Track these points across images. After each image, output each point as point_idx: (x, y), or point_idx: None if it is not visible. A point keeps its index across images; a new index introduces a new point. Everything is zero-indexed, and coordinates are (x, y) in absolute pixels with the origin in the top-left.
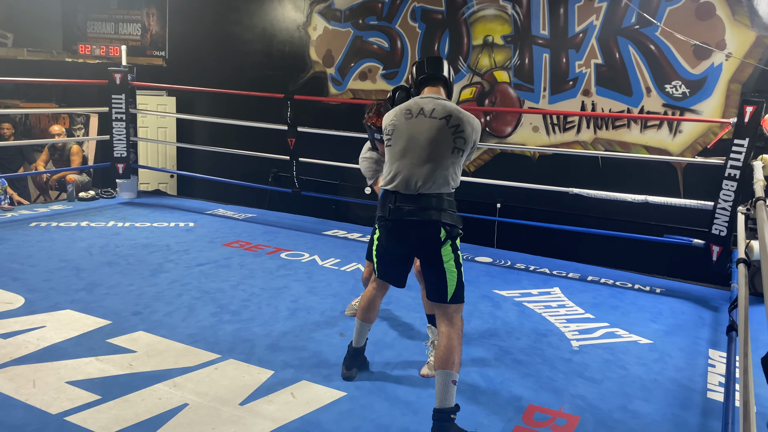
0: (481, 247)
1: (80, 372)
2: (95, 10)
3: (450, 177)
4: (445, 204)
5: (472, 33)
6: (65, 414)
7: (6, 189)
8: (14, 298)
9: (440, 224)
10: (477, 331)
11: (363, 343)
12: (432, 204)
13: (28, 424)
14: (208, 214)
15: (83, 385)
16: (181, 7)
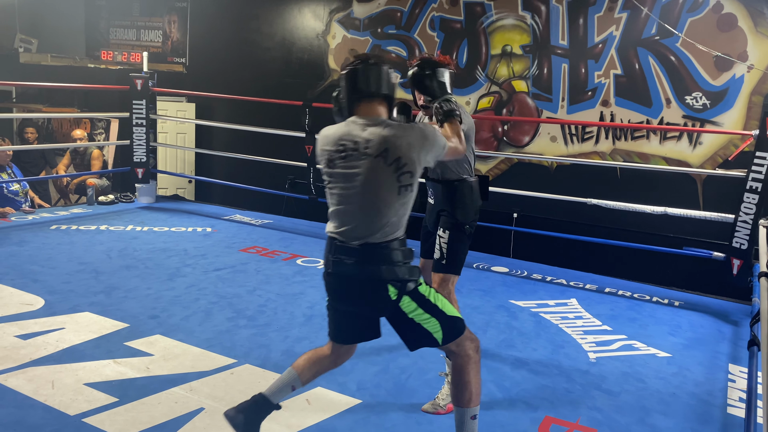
0: (498, 256)
1: (98, 374)
2: (118, 17)
3: (401, 221)
4: (395, 255)
5: (490, 42)
6: (83, 415)
7: (28, 192)
8: (34, 299)
9: (387, 282)
10: (493, 341)
11: (277, 400)
12: (377, 257)
13: (46, 425)
14: (225, 219)
15: (101, 387)
16: (201, 15)
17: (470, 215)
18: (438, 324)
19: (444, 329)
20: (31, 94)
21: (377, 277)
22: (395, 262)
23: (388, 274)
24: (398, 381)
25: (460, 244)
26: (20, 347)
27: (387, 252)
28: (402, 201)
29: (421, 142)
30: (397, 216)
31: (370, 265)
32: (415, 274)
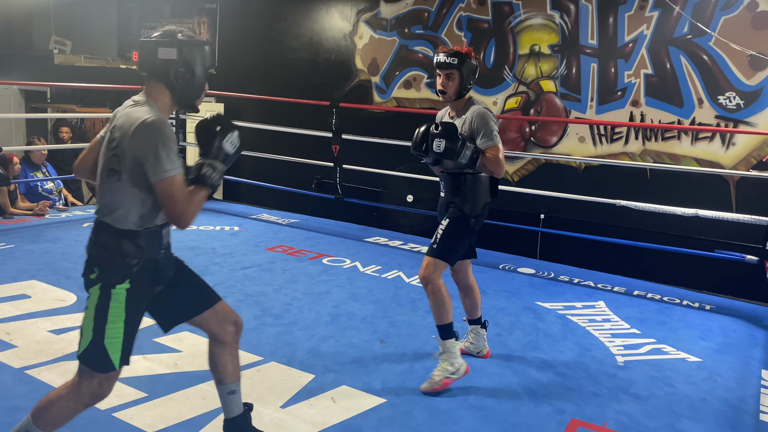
0: (524, 258)
1: (128, 369)
2: (149, 19)
3: (110, 205)
4: (104, 237)
5: (518, 42)
6: (113, 410)
7: (61, 190)
8: (67, 295)
9: (93, 260)
10: (519, 342)
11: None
12: (95, 233)
13: (78, 419)
14: (252, 218)
15: (131, 382)
16: (230, 16)
17: (477, 209)
18: (89, 339)
19: (87, 348)
20: (65, 94)
21: (89, 253)
22: (106, 245)
23: (95, 253)
24: (423, 381)
25: (457, 236)
26: (53, 342)
27: (104, 233)
28: (111, 186)
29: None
30: (108, 199)
31: (92, 240)
32: (122, 274)
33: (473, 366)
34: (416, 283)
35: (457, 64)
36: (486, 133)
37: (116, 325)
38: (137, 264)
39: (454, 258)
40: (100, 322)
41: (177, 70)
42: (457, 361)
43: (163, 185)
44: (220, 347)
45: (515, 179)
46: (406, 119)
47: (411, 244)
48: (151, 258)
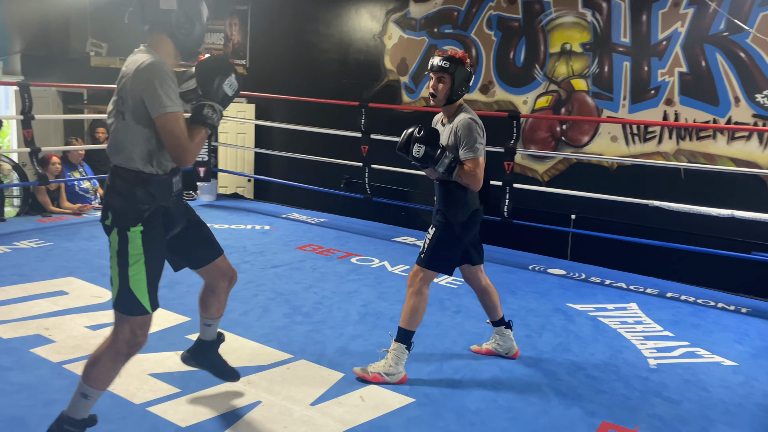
0: (554, 258)
1: (162, 365)
2: None
3: (118, 145)
4: (116, 182)
5: (549, 41)
6: (147, 404)
7: (97, 189)
8: (103, 292)
9: (107, 205)
10: (549, 344)
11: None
12: (110, 178)
13: (114, 412)
14: (282, 217)
15: (164, 377)
16: (262, 17)
17: (463, 217)
18: (117, 287)
19: (119, 296)
20: (101, 95)
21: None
22: (116, 188)
23: (109, 198)
24: (451, 381)
25: (443, 243)
26: (90, 337)
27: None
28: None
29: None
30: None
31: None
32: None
33: (501, 367)
34: (444, 283)
35: (449, 69)
36: (468, 144)
37: (138, 267)
38: (148, 209)
39: (443, 266)
40: (123, 267)
41: (178, 19)
42: (396, 368)
43: (162, 120)
44: (211, 293)
45: (545, 179)
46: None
47: None
48: (161, 204)
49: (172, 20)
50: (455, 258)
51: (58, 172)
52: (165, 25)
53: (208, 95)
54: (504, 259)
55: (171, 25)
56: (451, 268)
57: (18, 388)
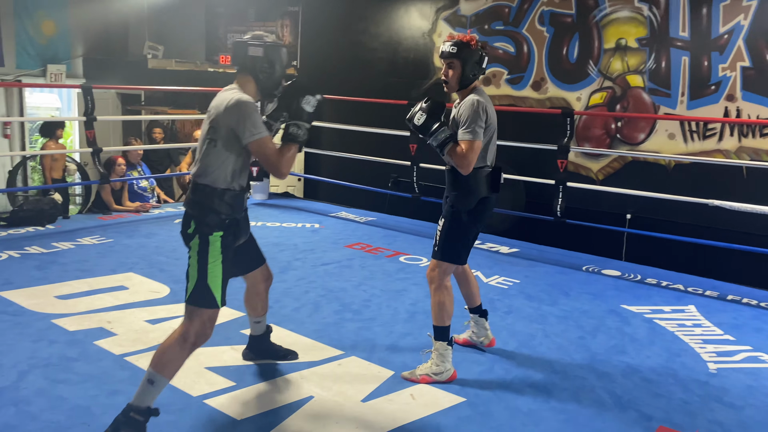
0: (609, 259)
1: (217, 359)
2: (235, 23)
3: (208, 168)
4: (200, 197)
5: (603, 36)
6: (204, 397)
7: (155, 188)
8: (161, 287)
9: (190, 216)
10: (603, 346)
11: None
12: (193, 193)
13: (173, 404)
14: (332, 216)
15: (220, 371)
16: (312, 18)
17: (470, 204)
18: (194, 282)
19: (195, 291)
20: (157, 97)
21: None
22: (200, 201)
23: (192, 208)
24: (503, 382)
25: (454, 232)
26: (149, 331)
27: (198, 191)
28: (208, 151)
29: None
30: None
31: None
32: (215, 226)
33: (553, 368)
34: (495, 283)
35: (457, 53)
36: (466, 123)
37: (216, 266)
38: (227, 218)
39: (458, 256)
40: (202, 265)
41: (262, 65)
42: (443, 365)
43: (254, 145)
44: (255, 295)
45: (599, 177)
46: None
47: (489, 243)
48: (235, 216)
49: (256, 65)
50: (466, 247)
51: (123, 173)
52: (250, 69)
53: (293, 115)
54: (557, 259)
55: (255, 70)
56: (463, 258)
57: (83, 379)
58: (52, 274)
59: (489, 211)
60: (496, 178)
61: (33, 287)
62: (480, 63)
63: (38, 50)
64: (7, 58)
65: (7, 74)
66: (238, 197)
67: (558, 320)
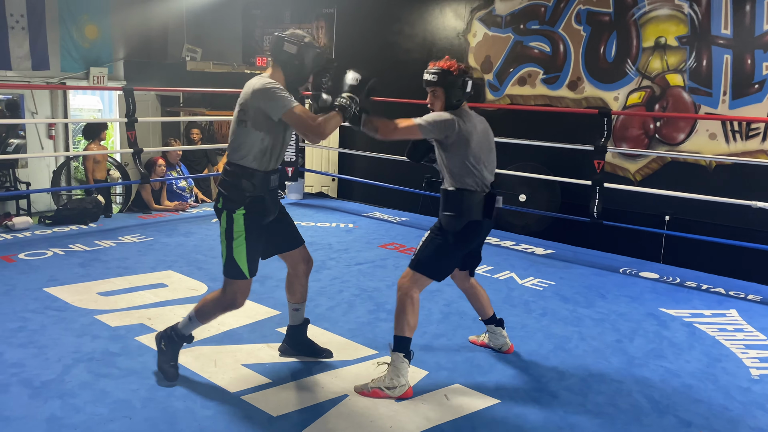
0: (647, 261)
1: (254, 356)
2: (271, 25)
3: (238, 146)
4: (228, 174)
5: (642, 34)
6: (241, 393)
7: (193, 188)
8: (199, 285)
9: (219, 192)
10: (641, 350)
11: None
12: (224, 172)
13: (210, 399)
14: (365, 216)
15: (256, 368)
16: (347, 20)
17: (457, 226)
18: (224, 256)
19: (226, 264)
20: (196, 98)
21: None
22: (226, 179)
23: (221, 185)
24: (538, 384)
25: (433, 248)
26: None
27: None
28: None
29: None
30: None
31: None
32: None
33: (590, 371)
34: (530, 284)
35: (438, 81)
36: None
37: (240, 242)
38: (249, 196)
39: (433, 271)
40: (229, 241)
41: (293, 61)
42: (398, 380)
43: (288, 115)
44: (294, 277)
45: (637, 178)
46: (520, 117)
47: (524, 244)
48: (260, 194)
49: (288, 60)
50: (447, 266)
51: (162, 173)
52: (282, 62)
53: (340, 89)
54: (593, 261)
55: (286, 64)
56: (440, 275)
57: (125, 373)
58: (95, 271)
59: (479, 237)
60: (489, 203)
61: (76, 284)
62: (463, 88)
63: (81, 54)
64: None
65: (52, 77)
66: (263, 178)
67: (594, 323)
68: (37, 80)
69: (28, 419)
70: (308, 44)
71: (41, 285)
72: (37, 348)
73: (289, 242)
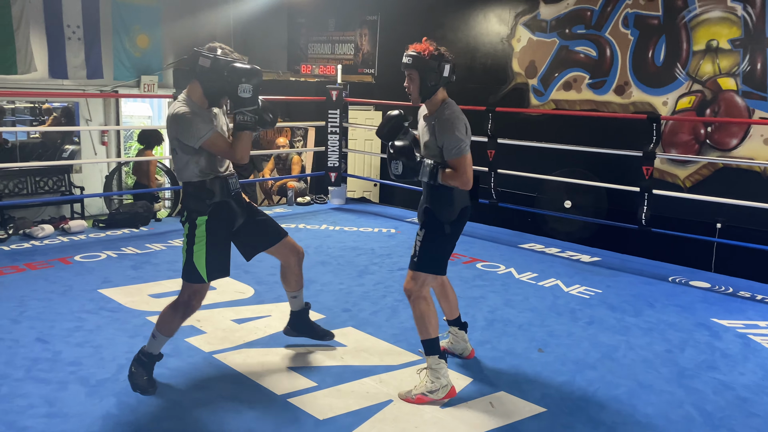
0: (697, 270)
1: (300, 360)
2: (315, 33)
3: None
4: (186, 192)
5: (693, 38)
6: (288, 396)
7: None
8: (246, 288)
9: (183, 207)
10: (692, 361)
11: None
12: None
13: (258, 401)
14: (407, 221)
15: (302, 371)
16: (390, 27)
17: (452, 215)
18: (183, 261)
19: (185, 267)
20: None
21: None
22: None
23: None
24: (585, 393)
25: (434, 243)
26: (235, 330)
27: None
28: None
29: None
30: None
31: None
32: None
33: (639, 381)
34: (576, 292)
35: (413, 64)
36: (448, 145)
37: (200, 246)
38: (211, 203)
39: (437, 267)
40: (189, 245)
41: (209, 75)
42: (439, 381)
43: (205, 146)
44: (287, 269)
45: (687, 185)
46: (565, 121)
47: (569, 251)
48: (223, 199)
49: (203, 75)
50: (446, 256)
51: None
52: (198, 76)
53: (236, 104)
54: (641, 269)
55: (202, 78)
56: (444, 269)
57: (176, 374)
58: (146, 273)
59: (466, 220)
60: (475, 187)
61: (129, 285)
62: (440, 71)
63: (133, 62)
64: (105, 71)
65: (105, 85)
66: (220, 182)
67: (643, 332)
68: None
69: (85, 416)
70: (221, 58)
71: (96, 286)
72: (92, 347)
73: (270, 237)
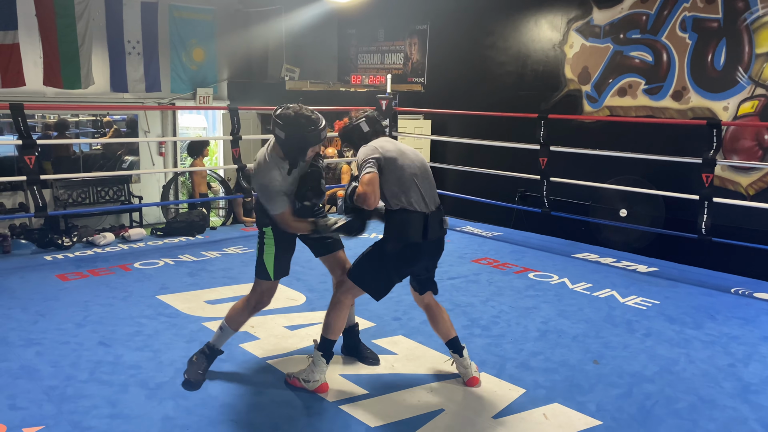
0: (763, 282)
1: (351, 367)
2: (365, 43)
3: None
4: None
5: (755, 41)
6: (339, 403)
7: None
8: (298, 295)
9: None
10: (757, 376)
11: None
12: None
13: (310, 407)
14: (457, 230)
15: (354, 379)
16: (440, 36)
17: (392, 244)
18: (257, 257)
19: (256, 266)
20: None
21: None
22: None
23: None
24: (642, 407)
25: (369, 261)
26: (288, 336)
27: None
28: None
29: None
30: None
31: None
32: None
33: (699, 396)
34: (632, 303)
35: (343, 139)
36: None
37: (269, 248)
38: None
39: (369, 287)
40: (260, 247)
41: (286, 143)
42: (313, 375)
43: (276, 217)
44: (334, 279)
45: (750, 193)
46: (620, 128)
47: (625, 261)
48: None
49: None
50: (381, 283)
51: None
52: (277, 139)
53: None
54: (702, 280)
55: (281, 142)
56: (373, 290)
57: (231, 378)
58: (202, 280)
59: (419, 260)
60: (426, 224)
61: (185, 292)
62: (364, 134)
63: (189, 75)
64: (163, 84)
65: (163, 98)
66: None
67: (704, 345)
68: (149, 101)
69: (145, 418)
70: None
71: (154, 292)
72: (152, 352)
73: (324, 248)
